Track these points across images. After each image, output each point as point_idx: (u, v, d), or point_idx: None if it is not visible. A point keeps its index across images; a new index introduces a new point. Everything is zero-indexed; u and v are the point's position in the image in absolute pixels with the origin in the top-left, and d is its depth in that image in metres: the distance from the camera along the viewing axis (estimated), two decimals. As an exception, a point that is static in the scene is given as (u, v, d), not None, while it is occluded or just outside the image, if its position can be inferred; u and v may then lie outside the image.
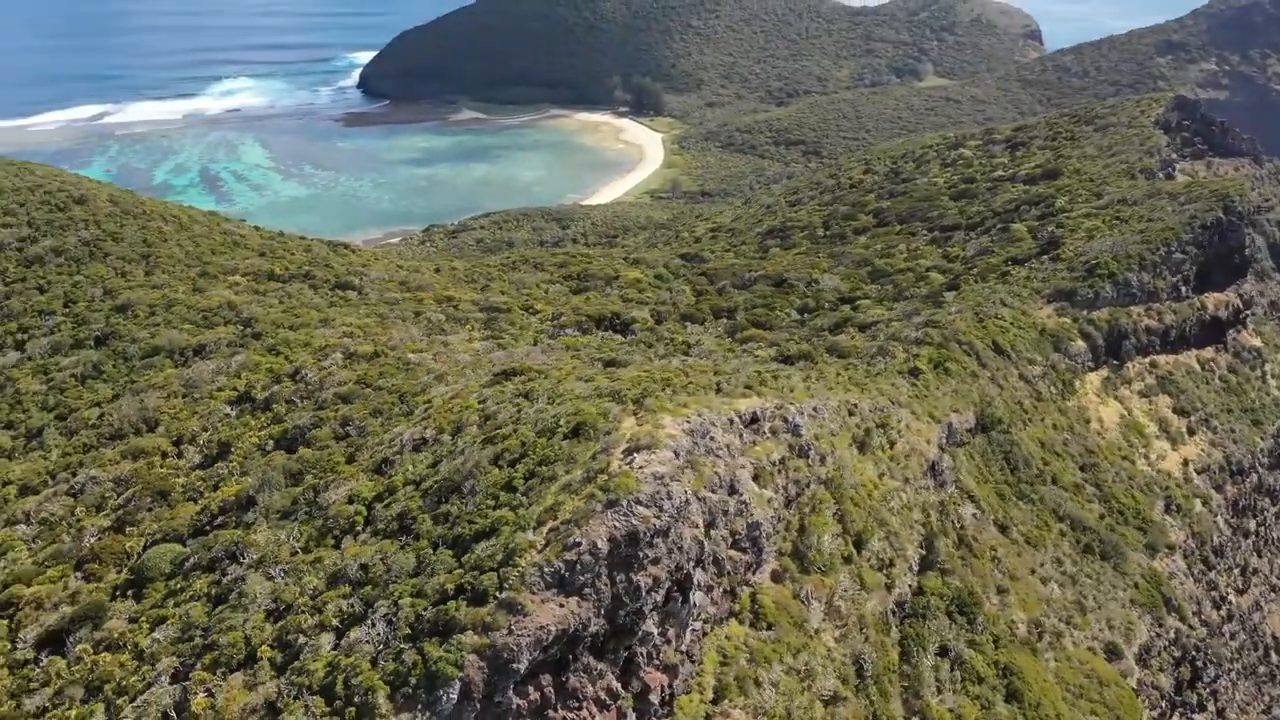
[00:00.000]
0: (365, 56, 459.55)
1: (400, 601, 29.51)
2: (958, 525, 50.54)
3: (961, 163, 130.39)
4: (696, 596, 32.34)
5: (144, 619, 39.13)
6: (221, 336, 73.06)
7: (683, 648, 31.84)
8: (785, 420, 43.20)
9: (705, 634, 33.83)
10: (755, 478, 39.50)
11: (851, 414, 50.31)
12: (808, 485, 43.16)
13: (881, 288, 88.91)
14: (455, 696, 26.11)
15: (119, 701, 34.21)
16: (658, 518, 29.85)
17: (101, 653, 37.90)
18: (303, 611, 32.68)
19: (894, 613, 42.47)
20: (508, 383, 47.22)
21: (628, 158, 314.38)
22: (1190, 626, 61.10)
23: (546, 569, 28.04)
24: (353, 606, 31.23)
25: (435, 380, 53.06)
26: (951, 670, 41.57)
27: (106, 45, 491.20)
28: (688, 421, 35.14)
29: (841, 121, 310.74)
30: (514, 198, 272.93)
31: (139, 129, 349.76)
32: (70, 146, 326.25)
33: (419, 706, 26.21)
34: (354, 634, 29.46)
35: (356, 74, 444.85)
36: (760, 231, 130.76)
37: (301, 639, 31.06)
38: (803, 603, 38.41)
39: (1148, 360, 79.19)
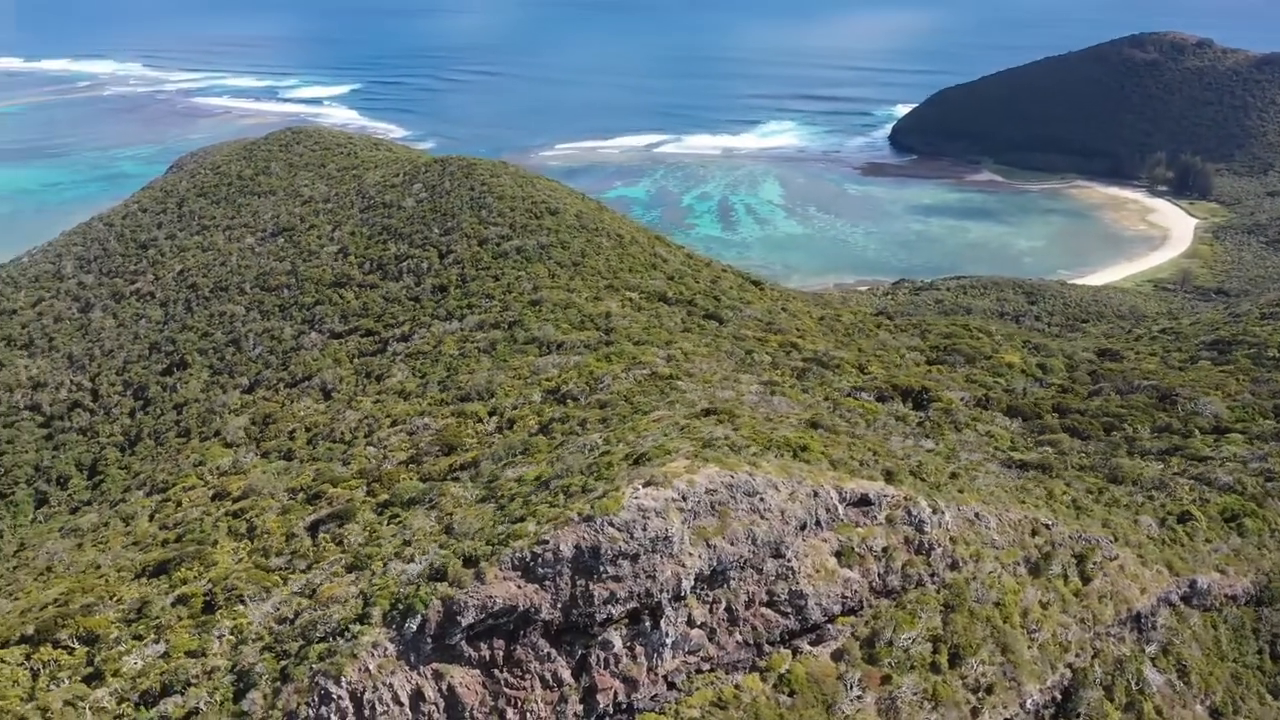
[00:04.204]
0: (905, 110, 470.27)
1: (442, 551, 37.09)
2: (1134, 687, 44.63)
3: None
4: (679, 630, 35.31)
5: (369, 527, 51.35)
6: (582, 339, 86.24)
7: (658, 670, 35.15)
8: (909, 513, 42.80)
9: (701, 670, 36.50)
10: (837, 554, 40.41)
11: (1035, 534, 47.04)
12: (919, 582, 42.36)
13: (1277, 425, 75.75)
14: (415, 628, 33.04)
15: (313, 574, 46.30)
16: (626, 542, 33.73)
17: (330, 544, 50.76)
18: (413, 544, 41.75)
19: (971, 740, 40.05)
20: (698, 419, 52.17)
21: (1145, 240, 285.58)
22: None
23: (516, 555, 33.68)
24: (430, 548, 39.49)
25: (668, 406, 59.44)
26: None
27: (684, 87, 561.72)
28: (731, 476, 37.79)
29: None
30: (999, 264, 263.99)
31: (685, 158, 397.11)
32: (626, 166, 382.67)
33: (393, 626, 33.62)
34: (409, 565, 37.69)
35: (890, 127, 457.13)
36: (1204, 340, 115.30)
37: (394, 562, 40.05)
38: (845, 687, 38.63)
39: None
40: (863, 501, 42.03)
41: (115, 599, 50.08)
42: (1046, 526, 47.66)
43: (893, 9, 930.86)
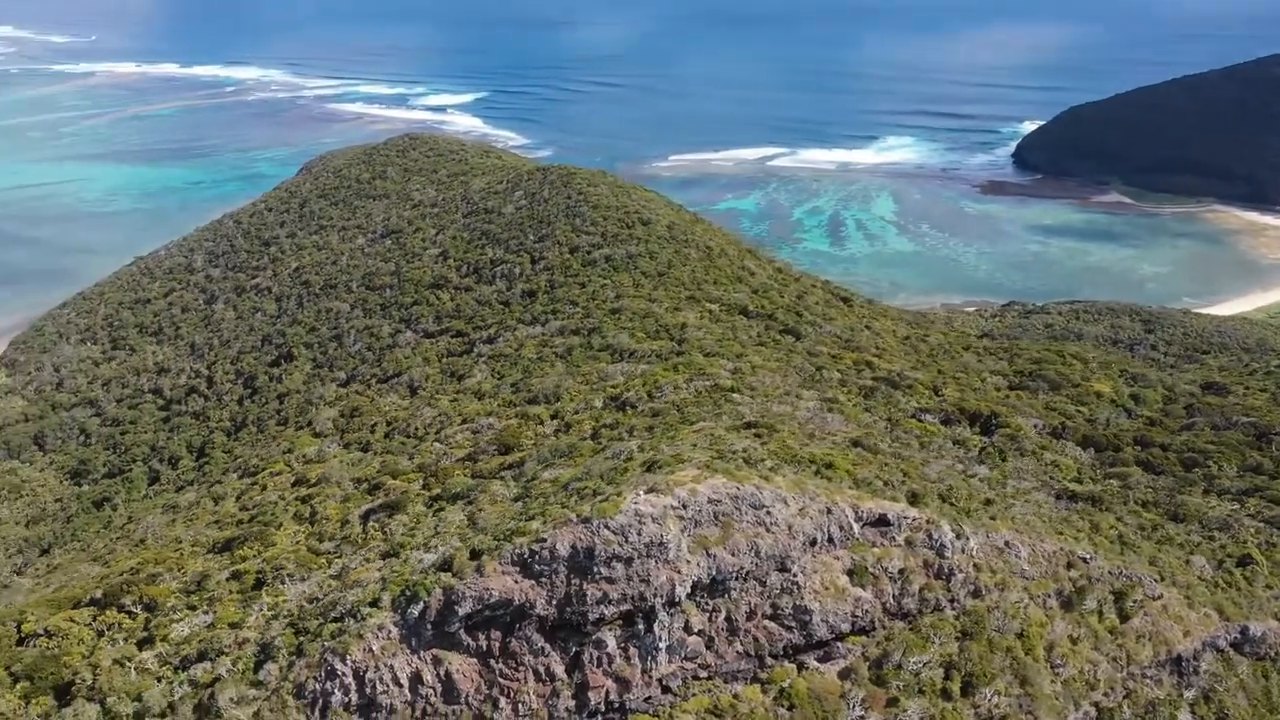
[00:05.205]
0: (1032, 127, 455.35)
1: (457, 544, 38.79)
2: (1165, 733, 42.94)
3: None
4: (675, 635, 35.99)
5: (415, 517, 53.69)
6: (654, 348, 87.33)
7: (652, 673, 35.94)
8: (929, 536, 42.36)
9: (698, 677, 37.10)
10: (849, 573, 40.38)
11: (1070, 566, 45.76)
12: (936, 606, 41.87)
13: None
14: (417, 614, 34.75)
15: (350, 558, 48.81)
16: (620, 545, 34.64)
17: (376, 532, 53.30)
18: (440, 535, 43.69)
19: (978, 770, 39.36)
20: (735, 432, 52.65)
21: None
22: None
23: (516, 551, 35.03)
24: (452, 540, 41.29)
25: (715, 417, 59.99)
26: None
27: (802, 100, 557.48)
28: (737, 487, 38.24)
29: None
30: (1120, 290, 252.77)
31: (798, 172, 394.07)
32: (739, 178, 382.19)
33: (399, 610, 35.42)
34: (427, 555, 39.54)
35: (1015, 144, 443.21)
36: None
37: (419, 551, 42.01)
38: (848, 705, 38.56)
39: None
40: (881, 521, 41.84)
41: (181, 571, 53.78)
42: (1084, 560, 46.28)
43: (1026, 23, 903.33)
